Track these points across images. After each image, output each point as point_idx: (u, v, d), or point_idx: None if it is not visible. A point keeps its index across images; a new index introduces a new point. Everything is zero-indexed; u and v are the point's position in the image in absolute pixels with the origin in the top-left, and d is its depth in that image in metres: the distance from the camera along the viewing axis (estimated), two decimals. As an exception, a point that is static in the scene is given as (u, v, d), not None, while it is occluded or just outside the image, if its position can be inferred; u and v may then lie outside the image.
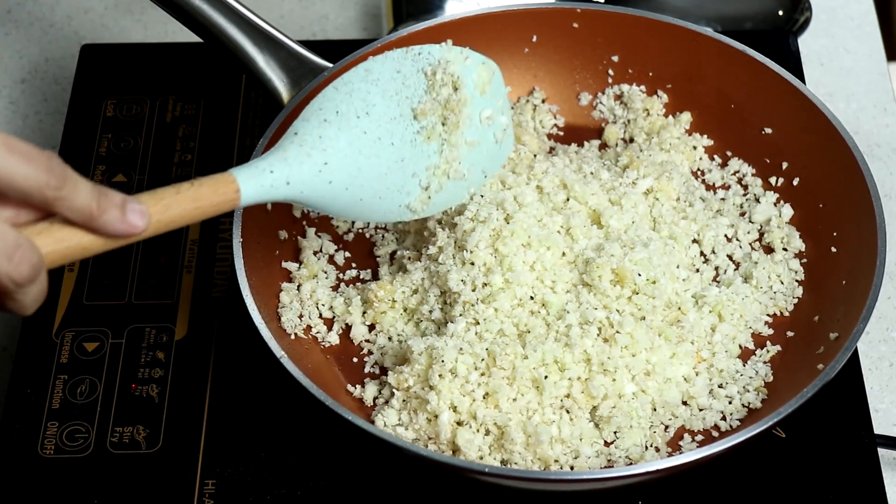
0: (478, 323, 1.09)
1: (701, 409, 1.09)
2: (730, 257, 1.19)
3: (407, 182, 1.07)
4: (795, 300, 1.16)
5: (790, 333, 1.13)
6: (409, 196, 1.08)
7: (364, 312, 1.15)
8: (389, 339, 1.14)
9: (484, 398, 1.05)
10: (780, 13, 1.43)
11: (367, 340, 1.15)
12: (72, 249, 0.85)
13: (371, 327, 1.15)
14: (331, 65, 1.21)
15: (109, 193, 0.85)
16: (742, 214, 1.22)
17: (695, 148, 1.26)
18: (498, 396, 1.04)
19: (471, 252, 1.10)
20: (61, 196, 0.82)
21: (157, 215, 0.89)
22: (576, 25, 1.27)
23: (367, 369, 1.13)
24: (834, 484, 1.08)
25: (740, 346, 1.13)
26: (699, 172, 1.25)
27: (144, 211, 0.87)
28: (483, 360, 1.05)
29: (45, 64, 1.46)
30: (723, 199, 1.22)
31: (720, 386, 1.10)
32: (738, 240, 1.20)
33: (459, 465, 1.01)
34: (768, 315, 1.15)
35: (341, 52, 1.23)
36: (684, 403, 1.09)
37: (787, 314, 1.15)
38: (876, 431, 1.12)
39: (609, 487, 1.03)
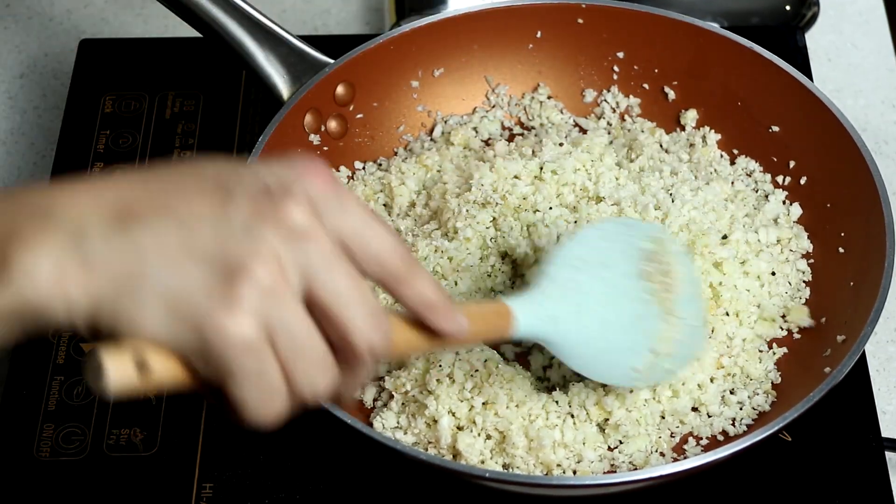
0: None
1: (710, 416, 1.07)
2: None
3: (638, 342, 1.01)
4: (802, 301, 1.14)
5: (797, 335, 1.12)
6: (637, 357, 1.01)
7: None
8: None
9: (483, 405, 1.03)
10: (787, 8, 1.42)
11: None
12: (403, 339, 0.82)
13: None
14: (332, 61, 1.20)
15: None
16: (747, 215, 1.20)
17: (705, 141, 1.25)
18: (496, 406, 1.03)
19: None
20: (408, 279, 0.79)
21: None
22: (580, 21, 1.26)
23: (365, 371, 1.12)
24: (840, 488, 1.07)
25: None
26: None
27: (464, 320, 0.84)
28: (477, 370, 1.04)
29: (45, 59, 1.45)
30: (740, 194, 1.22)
31: (731, 392, 1.08)
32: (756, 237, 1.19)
33: (459, 470, 1.00)
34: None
35: (343, 46, 1.22)
36: (694, 409, 1.08)
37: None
38: (883, 434, 1.10)
39: (612, 493, 1.01)
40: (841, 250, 1.13)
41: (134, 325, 0.70)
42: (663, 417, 1.06)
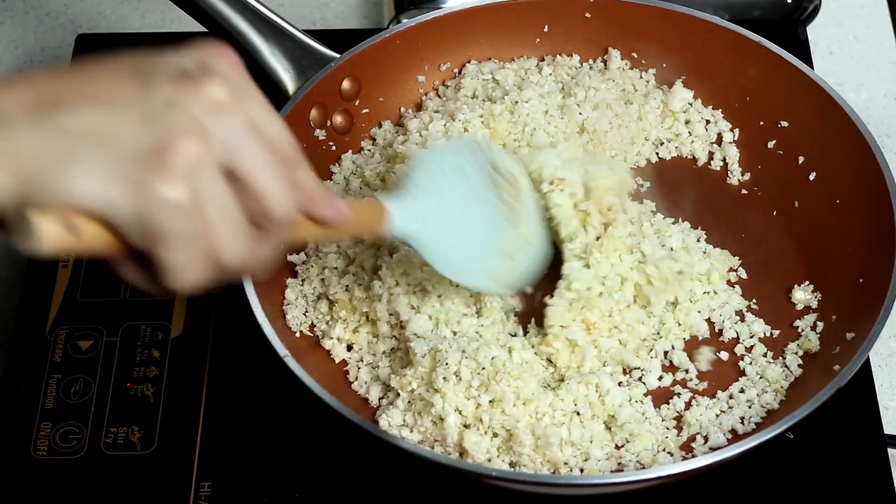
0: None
1: (718, 416, 1.06)
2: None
3: (493, 243, 1.06)
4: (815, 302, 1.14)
5: (808, 333, 1.11)
6: (494, 259, 1.05)
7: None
8: (373, 354, 1.11)
9: (490, 403, 1.03)
10: (789, 1, 1.41)
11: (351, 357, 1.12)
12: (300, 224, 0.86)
13: (350, 347, 1.12)
14: (337, 55, 1.20)
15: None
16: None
17: (709, 121, 1.24)
18: (503, 404, 1.02)
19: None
20: (295, 168, 0.83)
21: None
22: (588, 15, 1.25)
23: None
24: (843, 486, 1.07)
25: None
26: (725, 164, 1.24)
27: (346, 208, 0.88)
28: (484, 368, 1.03)
29: (41, 54, 1.44)
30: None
31: (741, 391, 1.08)
32: None
33: (466, 469, 1.00)
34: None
35: (342, 41, 1.21)
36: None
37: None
38: (886, 431, 1.10)
39: (619, 492, 1.01)
40: (850, 248, 1.12)
41: (64, 193, 0.72)
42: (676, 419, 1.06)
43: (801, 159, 1.19)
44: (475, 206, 1.04)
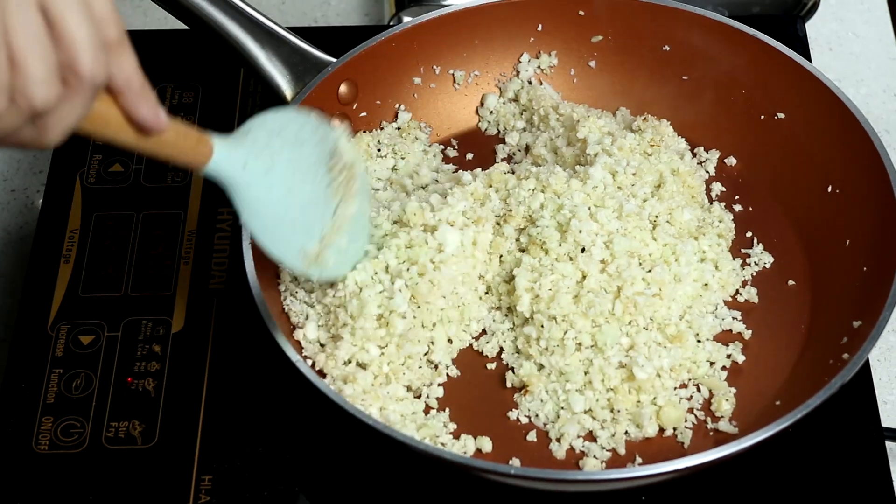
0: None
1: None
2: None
3: (313, 225, 1.04)
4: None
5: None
6: (309, 240, 1.04)
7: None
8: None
9: None
10: (788, -3, 1.42)
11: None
12: (100, 113, 0.82)
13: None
14: (333, 59, 1.20)
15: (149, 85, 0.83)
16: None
17: None
18: None
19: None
20: (119, 50, 0.79)
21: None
22: (582, 13, 1.25)
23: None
24: (841, 478, 1.07)
25: None
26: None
27: (164, 116, 0.84)
28: None
29: (43, 51, 1.45)
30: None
31: None
32: None
33: (481, 467, 1.00)
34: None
35: (343, 38, 1.22)
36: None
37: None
38: (884, 424, 1.10)
39: (619, 489, 1.02)
40: (849, 239, 1.12)
41: None
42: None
43: (798, 150, 1.19)
44: (303, 181, 1.03)
